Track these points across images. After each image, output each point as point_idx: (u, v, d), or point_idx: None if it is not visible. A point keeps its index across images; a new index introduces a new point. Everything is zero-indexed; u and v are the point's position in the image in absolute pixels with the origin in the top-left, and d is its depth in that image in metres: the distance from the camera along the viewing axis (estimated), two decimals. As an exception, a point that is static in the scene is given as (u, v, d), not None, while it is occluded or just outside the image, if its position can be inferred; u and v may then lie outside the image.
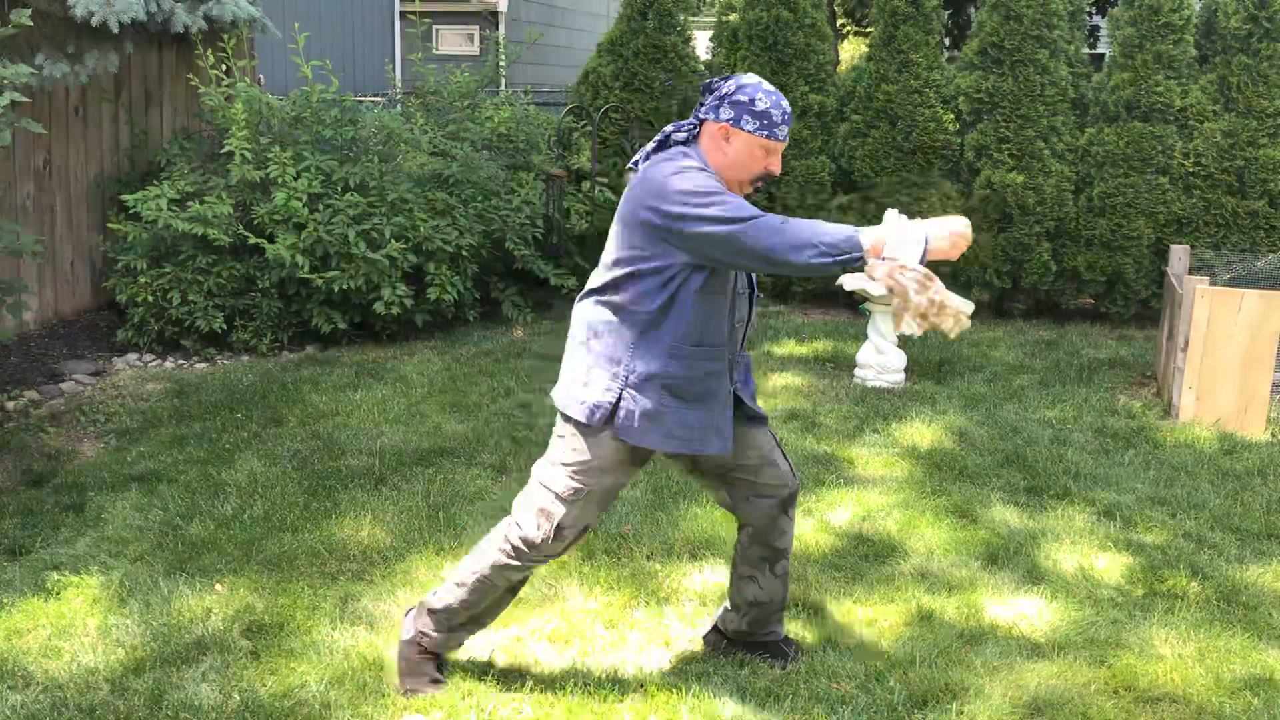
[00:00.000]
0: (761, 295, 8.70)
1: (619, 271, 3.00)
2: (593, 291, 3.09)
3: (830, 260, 2.76)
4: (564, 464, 3.06)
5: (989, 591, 3.94)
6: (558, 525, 3.06)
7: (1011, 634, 3.67)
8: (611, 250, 3.05)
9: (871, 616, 3.75)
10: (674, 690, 3.25)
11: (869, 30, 10.18)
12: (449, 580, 3.23)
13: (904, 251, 2.80)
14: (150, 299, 6.60)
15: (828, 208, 8.29)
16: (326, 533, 4.27)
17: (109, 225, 6.90)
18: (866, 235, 2.78)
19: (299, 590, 3.82)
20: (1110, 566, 4.17)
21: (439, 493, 4.67)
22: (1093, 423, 5.81)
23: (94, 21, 6.08)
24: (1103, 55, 11.68)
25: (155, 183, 6.80)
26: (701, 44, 9.46)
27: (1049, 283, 8.00)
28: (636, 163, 3.12)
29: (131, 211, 6.66)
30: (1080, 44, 8.13)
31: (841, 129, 8.33)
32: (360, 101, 8.76)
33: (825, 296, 8.51)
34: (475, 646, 3.48)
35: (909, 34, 8.06)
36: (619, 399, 2.99)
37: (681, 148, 3.03)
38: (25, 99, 4.85)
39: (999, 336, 7.64)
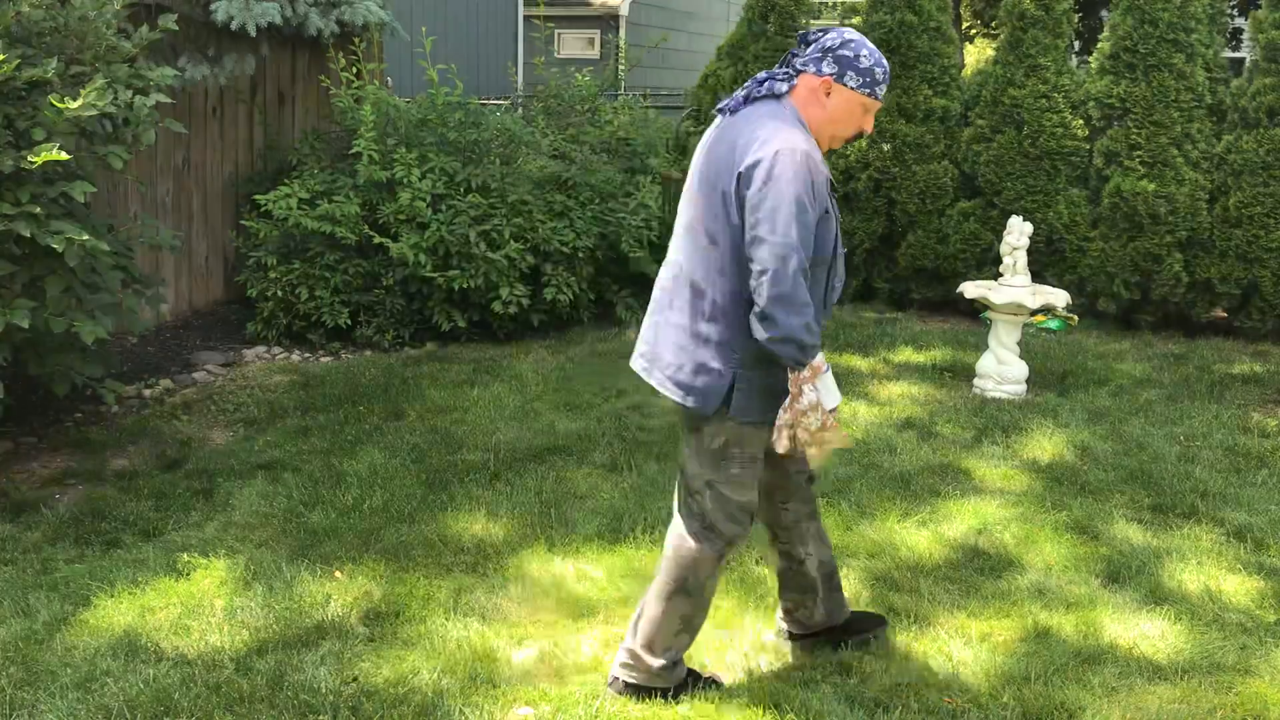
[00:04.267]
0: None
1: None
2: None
3: (795, 340, 2.80)
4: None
5: (1109, 610, 3.83)
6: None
7: (1132, 655, 3.56)
8: (705, 219, 2.93)
9: (986, 630, 3.68)
10: (781, 698, 3.23)
11: (997, 32, 9.98)
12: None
13: (829, 398, 2.94)
14: (279, 294, 6.82)
15: (949, 213, 8.15)
16: (442, 525, 4.36)
17: (242, 222, 7.15)
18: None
19: (415, 580, 3.91)
20: (1239, 589, 4.01)
21: (551, 490, 4.73)
22: (1223, 440, 5.60)
23: (233, 25, 6.32)
24: (1244, 59, 11.24)
25: (286, 182, 7.01)
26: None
27: (1180, 294, 7.73)
28: (724, 109, 3.00)
29: (263, 209, 6.89)
30: (1219, 48, 7.83)
31: (965, 133, 8.18)
32: (484, 104, 8.92)
33: (944, 304, 8.36)
34: (588, 643, 3.52)
35: (1037, 37, 7.88)
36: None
37: (776, 102, 2.94)
38: (169, 100, 5.06)
39: (1125, 349, 7.41)
